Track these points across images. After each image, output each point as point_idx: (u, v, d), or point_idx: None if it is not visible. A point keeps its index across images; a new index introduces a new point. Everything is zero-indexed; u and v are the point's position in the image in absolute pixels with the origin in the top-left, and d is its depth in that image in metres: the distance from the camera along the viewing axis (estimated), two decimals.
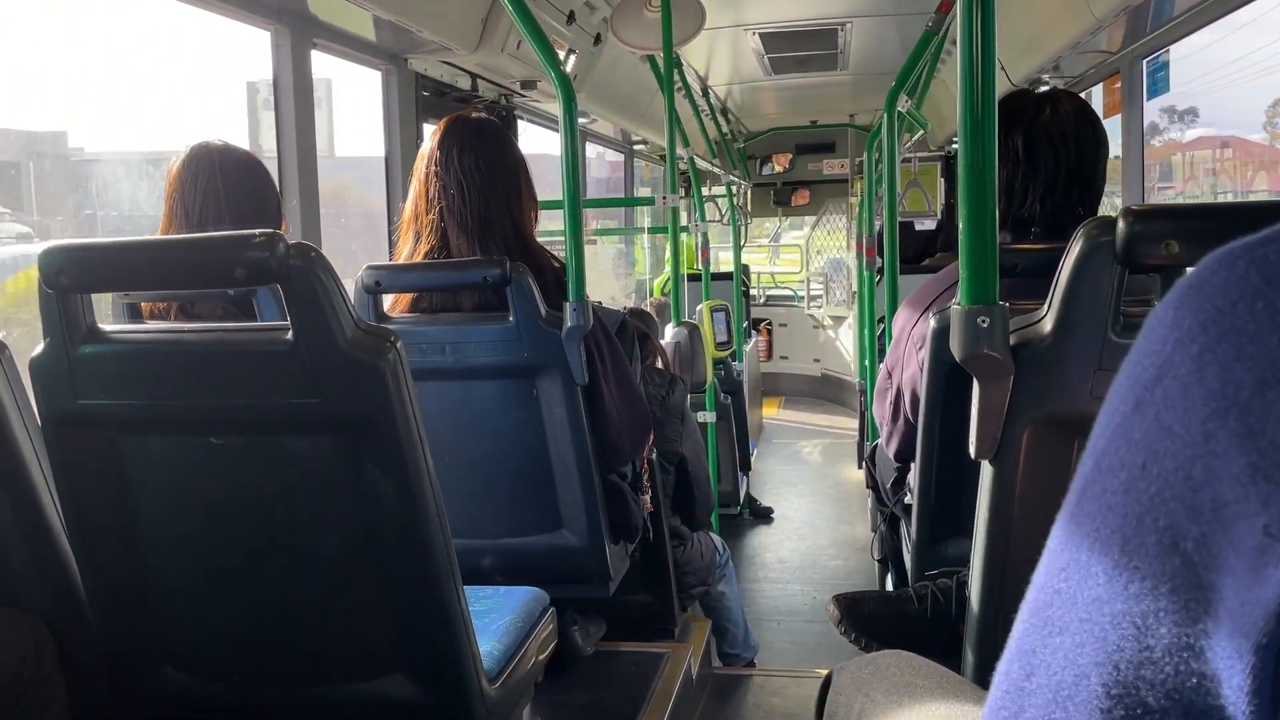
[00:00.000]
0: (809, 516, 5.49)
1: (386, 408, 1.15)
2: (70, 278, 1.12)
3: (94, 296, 1.21)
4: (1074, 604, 0.36)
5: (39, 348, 1.20)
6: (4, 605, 1.31)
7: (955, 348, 1.05)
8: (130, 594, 1.32)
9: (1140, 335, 0.36)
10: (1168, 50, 3.38)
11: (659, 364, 3.15)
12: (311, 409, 1.15)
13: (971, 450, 1.06)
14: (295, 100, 2.57)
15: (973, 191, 1.05)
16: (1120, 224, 0.96)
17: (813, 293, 8.94)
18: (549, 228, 3.55)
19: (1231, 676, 0.30)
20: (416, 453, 1.19)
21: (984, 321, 1.03)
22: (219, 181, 1.84)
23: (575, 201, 2.01)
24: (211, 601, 1.33)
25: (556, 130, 4.80)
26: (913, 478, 1.79)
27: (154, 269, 1.15)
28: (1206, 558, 0.31)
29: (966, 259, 1.05)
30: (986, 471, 1.08)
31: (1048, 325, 1.03)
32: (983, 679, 0.96)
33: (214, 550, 1.29)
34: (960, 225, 1.07)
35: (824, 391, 8.75)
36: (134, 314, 1.74)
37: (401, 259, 1.94)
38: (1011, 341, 1.04)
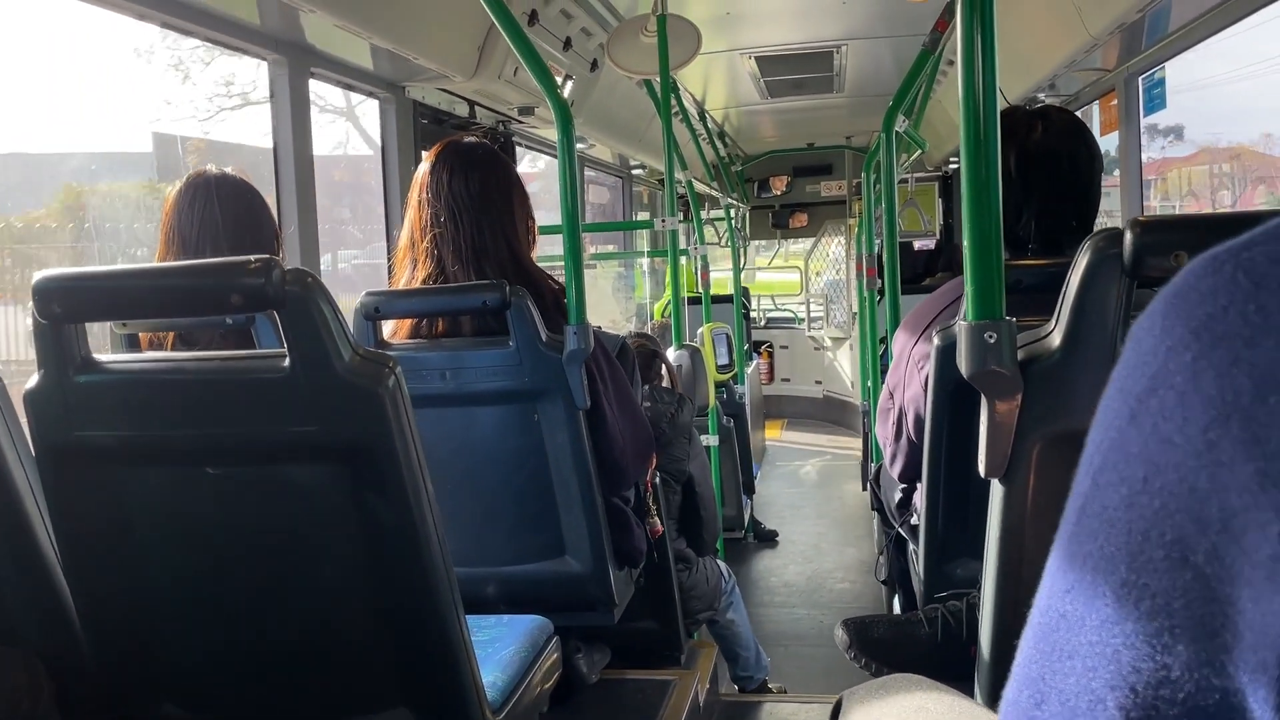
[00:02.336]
0: (814, 539, 5.45)
1: (385, 434, 1.13)
2: (64, 307, 1.11)
3: (92, 328, 1.21)
4: (1083, 626, 0.35)
5: (33, 379, 1.19)
6: None
7: (963, 364, 1.04)
8: (127, 628, 1.30)
9: (1127, 347, 0.35)
10: (1163, 67, 3.39)
11: (666, 383, 3.14)
12: (310, 437, 1.14)
13: (981, 469, 1.05)
14: (294, 130, 2.57)
15: (977, 207, 1.04)
16: (1127, 236, 0.95)
17: (813, 314, 8.95)
18: (550, 252, 3.55)
19: (1256, 690, 0.29)
20: (416, 480, 1.17)
21: (991, 337, 1.02)
22: (216, 208, 1.85)
23: (574, 226, 2.01)
24: (209, 635, 1.31)
25: (555, 156, 4.82)
26: (919, 498, 1.77)
27: (148, 297, 1.14)
28: (1220, 570, 0.30)
29: (972, 274, 1.04)
30: (996, 490, 1.06)
31: (1056, 340, 1.02)
32: (996, 703, 0.94)
33: (211, 582, 1.28)
34: (965, 241, 1.06)
35: (826, 413, 8.73)
36: (132, 344, 1.73)
37: (399, 287, 1.94)
38: (1019, 357, 1.03)
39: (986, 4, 1.05)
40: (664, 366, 3.22)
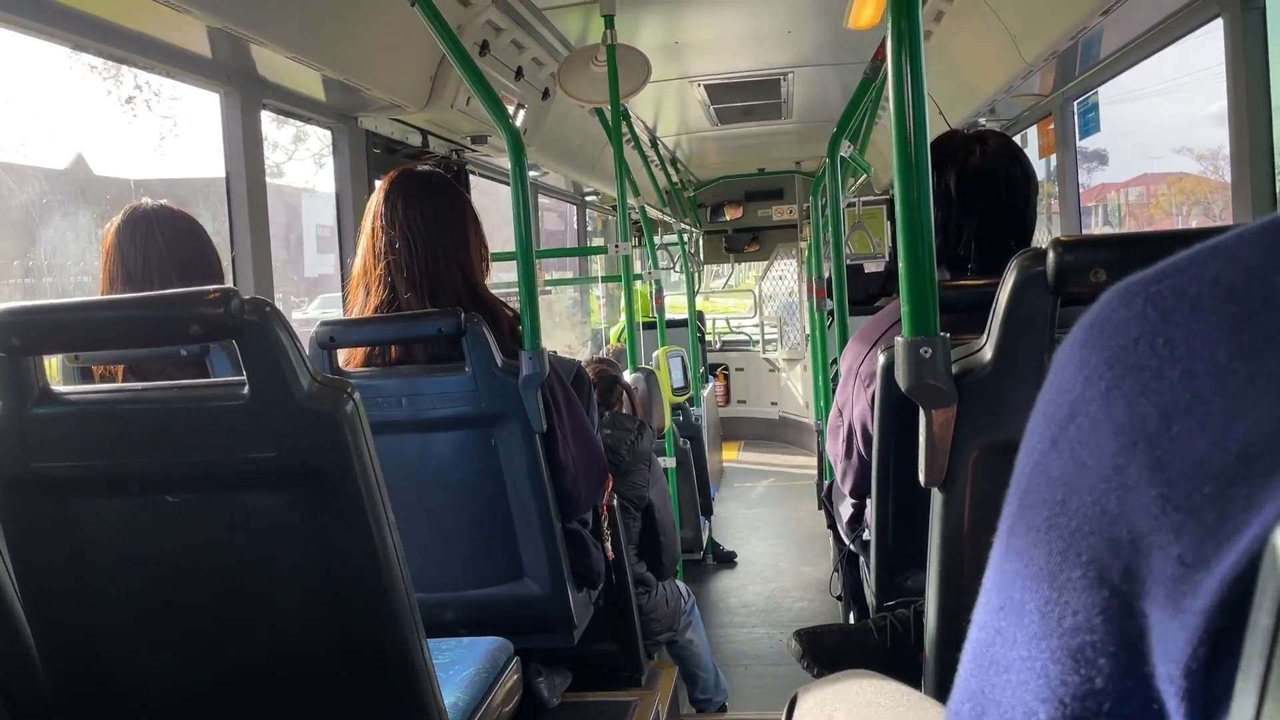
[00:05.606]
0: (772, 559, 5.49)
1: (345, 459, 1.15)
2: (21, 339, 1.12)
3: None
4: (1014, 642, 0.36)
5: None
6: None
7: (900, 378, 1.09)
8: (87, 659, 1.29)
9: (1051, 373, 0.37)
10: (1096, 92, 3.51)
11: (625, 408, 3.16)
12: (269, 463, 1.15)
13: (921, 479, 1.09)
14: (246, 162, 2.58)
15: (910, 226, 1.09)
16: (1050, 254, 1.00)
17: (767, 337, 9.03)
18: (505, 279, 3.58)
19: (1169, 700, 0.31)
20: (376, 504, 1.19)
21: (926, 352, 1.06)
22: (159, 240, 1.84)
23: (528, 252, 2.04)
24: (170, 662, 1.31)
25: (508, 183, 4.84)
26: (869, 513, 1.81)
27: (108, 328, 1.15)
28: (1135, 587, 0.32)
29: (907, 292, 1.09)
30: (936, 499, 1.11)
31: (988, 354, 1.07)
32: (943, 703, 0.97)
33: (172, 611, 1.28)
34: (899, 261, 1.11)
35: (782, 434, 8.80)
36: (85, 378, 1.73)
37: (353, 314, 1.95)
38: (954, 370, 1.07)
39: (914, 34, 1.10)
40: (625, 392, 3.23)
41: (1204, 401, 0.31)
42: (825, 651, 1.46)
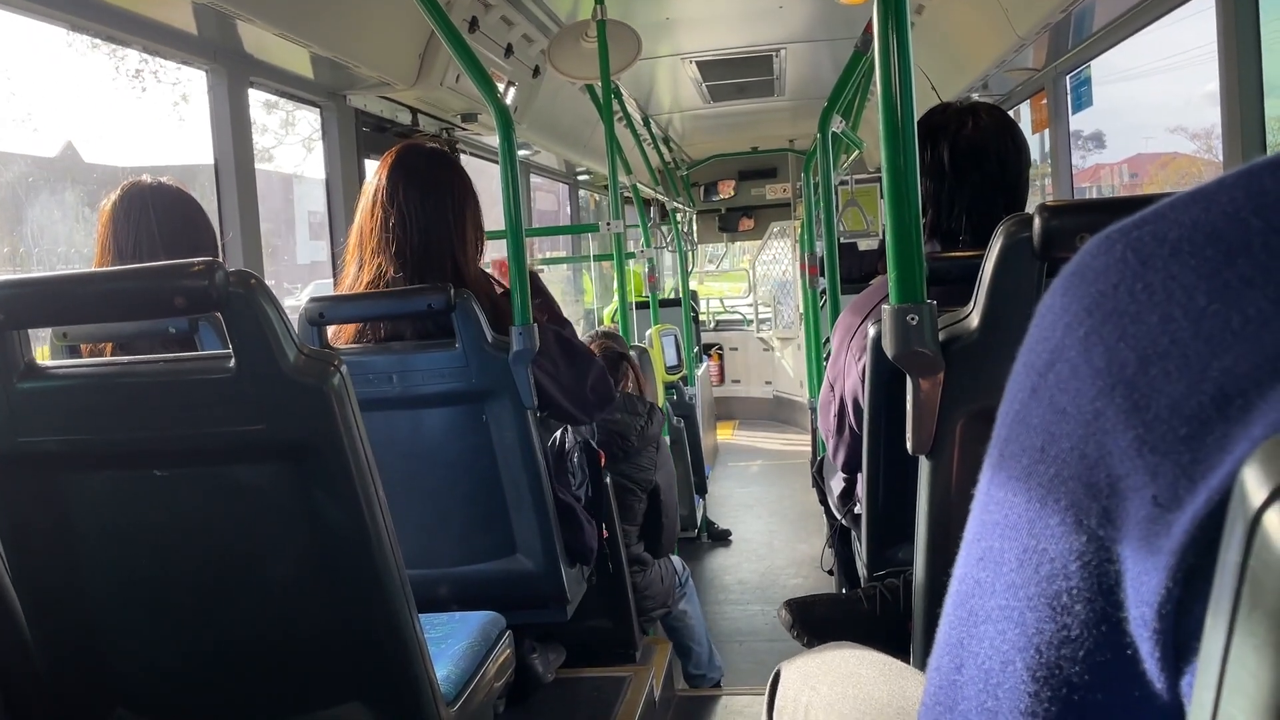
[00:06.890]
0: (767, 537, 5.51)
1: (332, 431, 1.15)
2: (7, 313, 1.12)
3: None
4: (992, 592, 0.37)
5: None
6: None
7: (888, 346, 1.09)
8: (77, 633, 1.30)
9: (1032, 323, 0.37)
10: (1089, 66, 3.50)
11: (631, 387, 3.11)
12: (256, 436, 1.15)
13: (909, 446, 1.09)
14: (234, 139, 2.57)
15: (896, 195, 1.08)
16: (1036, 220, 1.00)
17: (761, 316, 9.03)
18: (496, 258, 3.57)
19: (1143, 644, 0.31)
20: (365, 476, 1.19)
21: (913, 319, 1.06)
22: (152, 217, 1.84)
23: (517, 230, 2.03)
24: (162, 637, 1.31)
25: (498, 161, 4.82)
26: (860, 487, 1.82)
27: (93, 301, 1.15)
28: (1111, 532, 0.32)
29: (893, 260, 1.09)
30: (924, 466, 1.11)
31: (974, 321, 1.07)
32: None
33: (162, 585, 1.28)
34: (886, 230, 1.11)
35: (777, 413, 8.81)
36: (73, 358, 1.73)
37: (344, 288, 1.95)
38: (941, 338, 1.07)
39: (900, 3, 1.09)
40: (631, 370, 3.12)
41: (1181, 345, 0.31)
42: (815, 621, 1.47)
